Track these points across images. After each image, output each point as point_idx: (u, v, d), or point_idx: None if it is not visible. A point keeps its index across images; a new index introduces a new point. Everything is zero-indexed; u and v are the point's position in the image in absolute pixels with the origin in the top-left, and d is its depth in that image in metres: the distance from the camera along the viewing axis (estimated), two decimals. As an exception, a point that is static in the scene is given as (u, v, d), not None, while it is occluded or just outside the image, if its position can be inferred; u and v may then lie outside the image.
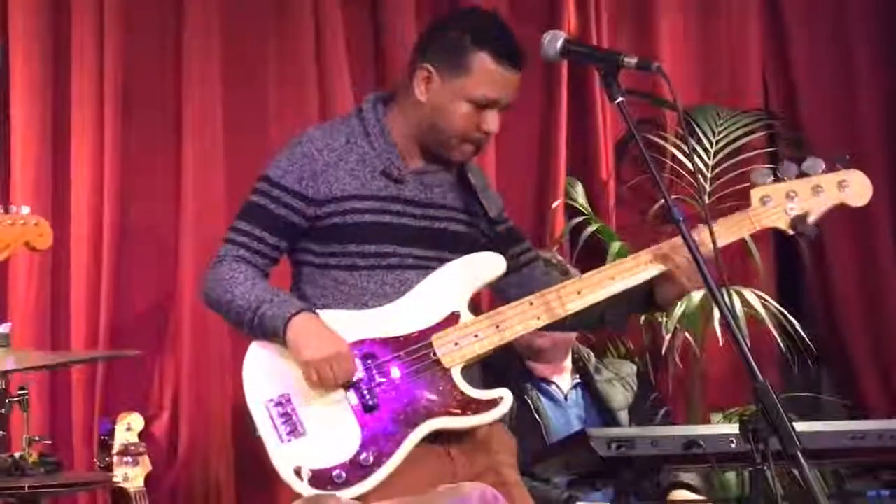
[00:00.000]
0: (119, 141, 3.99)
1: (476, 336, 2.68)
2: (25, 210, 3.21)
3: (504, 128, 2.80)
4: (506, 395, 2.67)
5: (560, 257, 4.08)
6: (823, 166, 2.80)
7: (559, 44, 2.66)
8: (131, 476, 3.52)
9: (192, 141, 4.07)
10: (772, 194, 2.78)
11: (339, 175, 2.70)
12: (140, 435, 3.60)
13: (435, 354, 2.66)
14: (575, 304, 2.73)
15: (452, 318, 2.69)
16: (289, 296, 2.70)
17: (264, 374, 2.65)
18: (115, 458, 3.55)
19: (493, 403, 2.66)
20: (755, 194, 2.79)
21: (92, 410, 3.89)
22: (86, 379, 3.89)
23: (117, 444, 3.56)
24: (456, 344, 2.67)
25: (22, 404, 3.43)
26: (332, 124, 2.84)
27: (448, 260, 2.74)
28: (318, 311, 2.67)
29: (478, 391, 2.67)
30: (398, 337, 2.67)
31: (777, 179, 2.77)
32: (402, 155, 2.75)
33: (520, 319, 2.71)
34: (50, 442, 3.56)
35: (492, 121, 2.72)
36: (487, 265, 2.75)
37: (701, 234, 2.61)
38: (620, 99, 2.54)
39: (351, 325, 2.66)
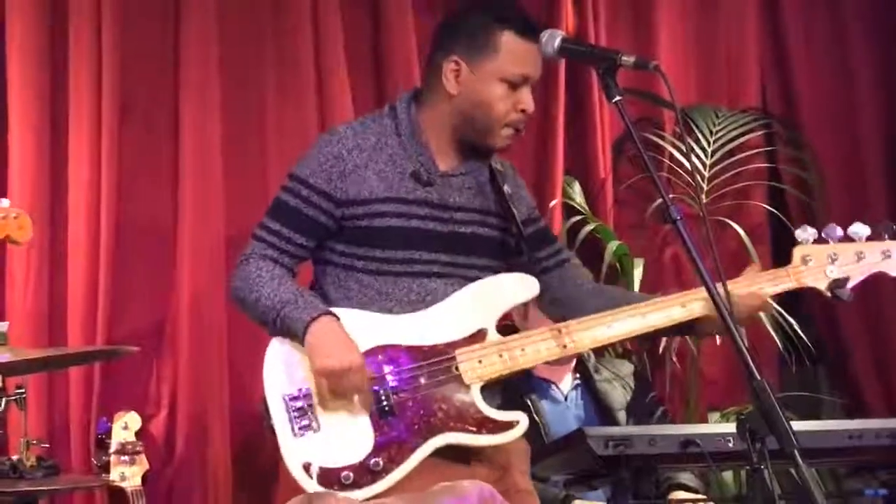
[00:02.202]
0: (116, 141, 3.98)
1: (500, 356, 2.68)
2: (5, 203, 3.20)
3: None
4: (522, 419, 2.67)
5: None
6: (868, 232, 2.79)
7: (557, 42, 2.66)
8: (128, 475, 3.52)
9: (190, 141, 4.06)
10: (814, 255, 2.79)
11: (367, 176, 2.69)
12: (137, 434, 3.61)
13: (457, 369, 2.65)
14: (600, 338, 2.73)
15: (479, 336, 2.68)
16: (313, 298, 2.68)
17: (286, 367, 2.64)
18: (112, 457, 3.55)
19: (508, 426, 2.65)
20: (797, 252, 2.80)
21: (89, 409, 3.87)
22: (83, 378, 3.88)
23: (114, 443, 3.56)
24: (479, 361, 2.66)
25: (19, 403, 3.43)
26: (363, 122, 2.81)
27: (476, 266, 2.74)
28: (348, 309, 2.66)
29: (495, 411, 2.66)
30: (423, 346, 2.66)
31: (820, 240, 2.77)
32: (434, 156, 2.74)
33: (545, 347, 2.71)
34: (48, 445, 3.56)
35: (528, 99, 2.72)
36: (521, 287, 2.75)
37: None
38: (618, 98, 2.53)
39: (377, 327, 2.66)
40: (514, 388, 3.58)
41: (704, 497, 3.81)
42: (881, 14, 5.15)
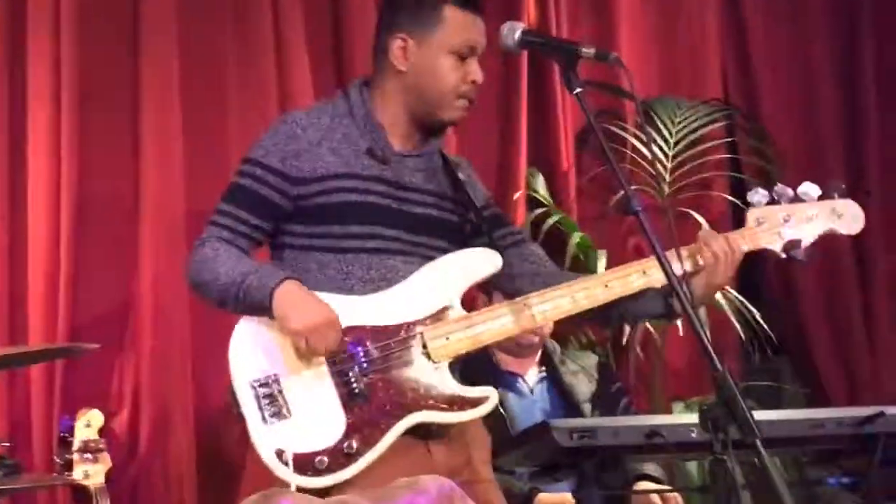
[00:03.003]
0: (76, 136, 3.95)
1: (466, 332, 2.66)
2: None
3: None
4: (492, 394, 2.66)
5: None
6: (819, 192, 2.81)
7: (517, 34, 2.67)
8: (91, 473, 3.48)
9: (150, 135, 4.04)
10: (767, 216, 2.79)
11: (322, 154, 2.70)
12: (100, 431, 3.57)
13: (425, 347, 2.64)
14: (562, 309, 2.72)
15: (444, 312, 2.67)
16: (274, 266, 2.67)
17: (252, 352, 2.62)
18: (75, 456, 3.52)
19: (479, 401, 2.65)
20: (751, 215, 2.79)
21: (51, 407, 3.84)
22: (44, 376, 3.85)
23: (77, 441, 3.53)
24: (447, 338, 2.65)
25: (-21, 402, 3.40)
26: (316, 106, 2.84)
27: (434, 246, 2.73)
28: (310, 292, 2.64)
29: (464, 388, 2.65)
30: (389, 326, 2.64)
31: (773, 202, 2.79)
32: (388, 137, 2.75)
33: (512, 320, 2.70)
34: (9, 444, 3.53)
35: (476, 69, 2.74)
36: (483, 261, 2.74)
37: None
38: (579, 90, 2.54)
39: (341, 310, 2.63)
40: (480, 381, 3.58)
41: (669, 487, 3.83)
42: (841, 5, 5.19)
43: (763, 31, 5.09)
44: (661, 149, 4.73)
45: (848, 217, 2.82)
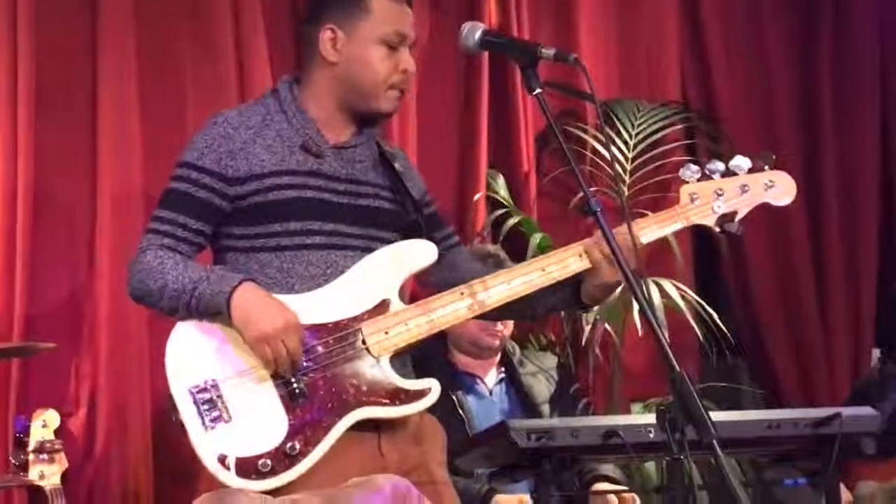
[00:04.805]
0: (33, 134, 3.90)
1: (406, 325, 2.66)
2: None
3: (425, 120, 2.81)
4: (434, 386, 2.65)
5: (498, 249, 4.07)
6: (750, 165, 2.83)
7: (477, 35, 2.68)
8: (47, 474, 3.46)
9: (108, 134, 4.00)
10: (700, 192, 2.80)
11: (256, 152, 2.68)
12: (56, 432, 3.55)
13: (364, 342, 2.63)
14: (503, 295, 2.72)
15: (383, 306, 2.66)
16: (223, 270, 2.65)
17: (189, 357, 2.59)
18: (30, 456, 3.49)
19: (421, 394, 2.64)
20: (684, 191, 2.81)
21: (6, 407, 3.81)
22: None
23: (33, 441, 3.50)
24: (386, 332, 2.64)
25: (-67, 402, 3.37)
26: (247, 105, 2.83)
27: (375, 237, 2.72)
28: None
29: (406, 381, 2.65)
30: (327, 324, 2.63)
31: (705, 177, 2.80)
32: (321, 130, 2.74)
33: (451, 309, 2.69)
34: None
35: (407, 59, 2.74)
36: (419, 253, 2.73)
37: (634, 227, 2.67)
38: (539, 91, 2.55)
39: None
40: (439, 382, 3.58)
41: (627, 488, 3.84)
42: (797, 6, 5.25)
43: (721, 33, 5.14)
44: (620, 150, 4.76)
45: (780, 188, 2.85)
